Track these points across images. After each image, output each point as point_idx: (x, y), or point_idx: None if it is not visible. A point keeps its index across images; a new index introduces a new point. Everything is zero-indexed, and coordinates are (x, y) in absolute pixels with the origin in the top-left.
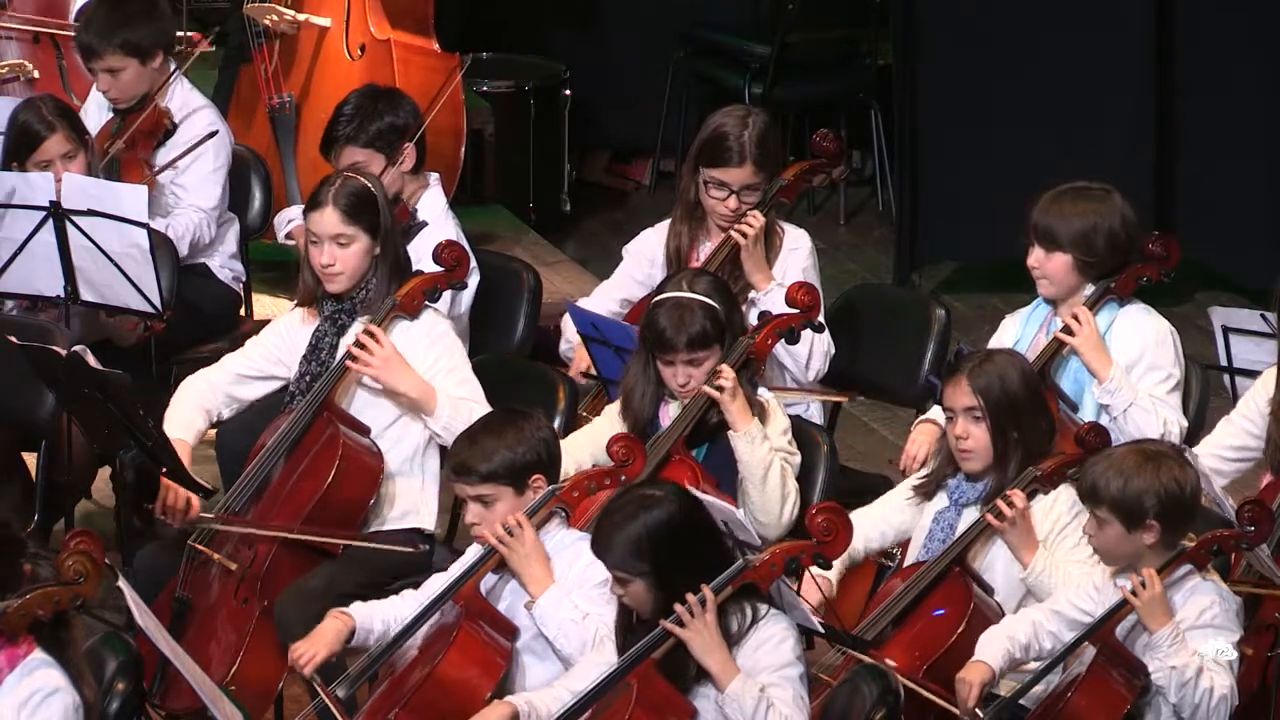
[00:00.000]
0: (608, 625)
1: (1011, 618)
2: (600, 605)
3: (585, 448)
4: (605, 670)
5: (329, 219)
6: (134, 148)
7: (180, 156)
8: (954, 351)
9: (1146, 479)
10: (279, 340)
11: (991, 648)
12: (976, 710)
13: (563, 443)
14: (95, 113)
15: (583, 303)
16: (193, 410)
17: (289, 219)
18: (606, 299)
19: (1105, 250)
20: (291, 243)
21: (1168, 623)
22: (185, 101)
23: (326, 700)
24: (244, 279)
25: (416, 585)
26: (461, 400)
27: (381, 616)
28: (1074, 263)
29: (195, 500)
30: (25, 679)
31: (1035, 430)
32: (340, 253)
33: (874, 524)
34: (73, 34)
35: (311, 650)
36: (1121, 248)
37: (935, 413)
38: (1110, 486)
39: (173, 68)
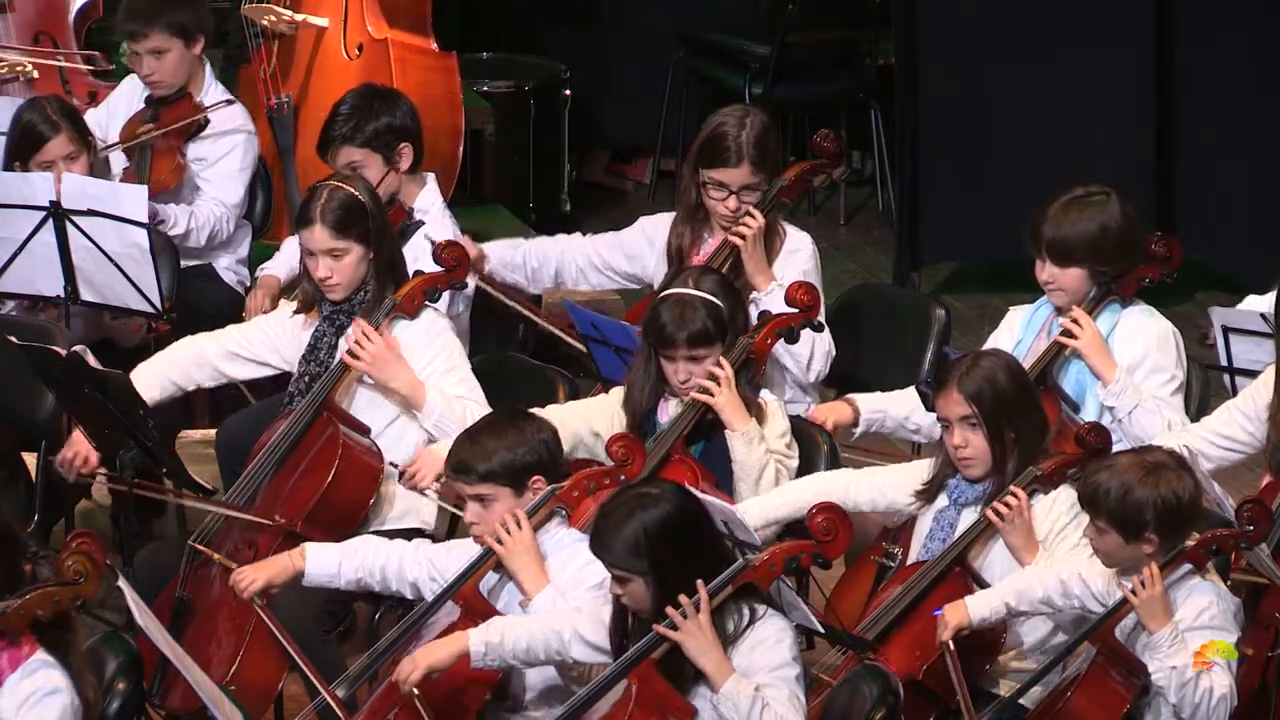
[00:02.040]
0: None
1: (1031, 570)
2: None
3: (578, 417)
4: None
5: (319, 236)
6: (167, 135)
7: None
8: (941, 357)
9: (1146, 492)
10: (280, 330)
11: (986, 595)
12: (948, 642)
13: (559, 409)
14: (100, 115)
15: (571, 240)
16: (169, 369)
17: (263, 269)
18: (591, 250)
19: (1117, 255)
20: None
21: (1167, 623)
22: (219, 100)
23: (275, 629)
24: (247, 283)
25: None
26: (457, 398)
27: (360, 562)
28: (1089, 272)
29: (93, 457)
30: (26, 679)
31: (1030, 427)
32: (335, 265)
33: (872, 486)
34: (70, 33)
35: (253, 576)
36: (1130, 248)
37: (870, 397)
38: (1110, 498)
39: (206, 61)
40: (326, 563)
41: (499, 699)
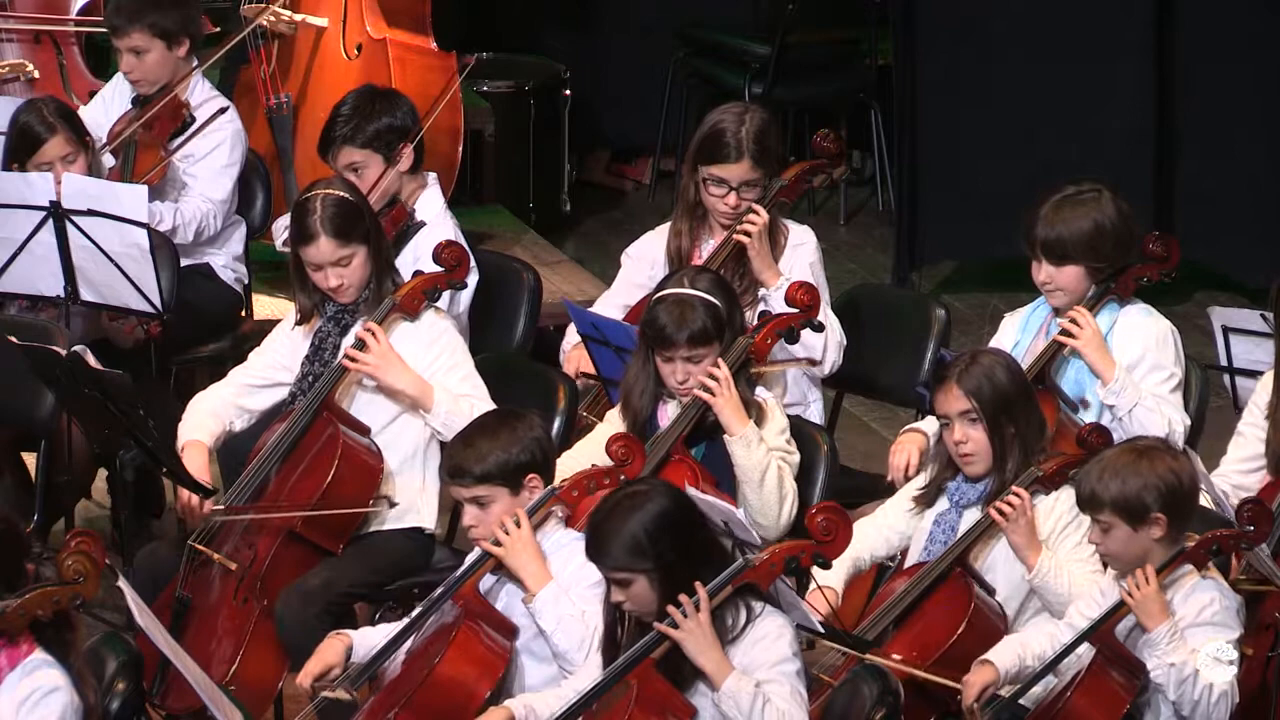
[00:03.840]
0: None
1: (1029, 630)
2: (596, 604)
3: (586, 454)
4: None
5: (325, 249)
6: (150, 132)
7: (193, 134)
8: (938, 358)
9: (1143, 474)
10: (281, 346)
11: (1002, 651)
12: (974, 707)
13: (567, 454)
14: (96, 112)
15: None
16: (206, 416)
17: (285, 226)
18: (609, 306)
19: (1113, 251)
20: (287, 250)
21: (1164, 620)
22: (205, 98)
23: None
24: (246, 281)
25: (417, 585)
26: (462, 396)
27: (387, 630)
28: (1086, 270)
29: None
30: (25, 678)
31: (1030, 424)
32: (344, 272)
33: (878, 531)
34: (72, 30)
35: (308, 666)
36: (1126, 243)
37: (925, 422)
38: (1109, 489)
39: (194, 62)
40: (369, 635)
41: (500, 700)
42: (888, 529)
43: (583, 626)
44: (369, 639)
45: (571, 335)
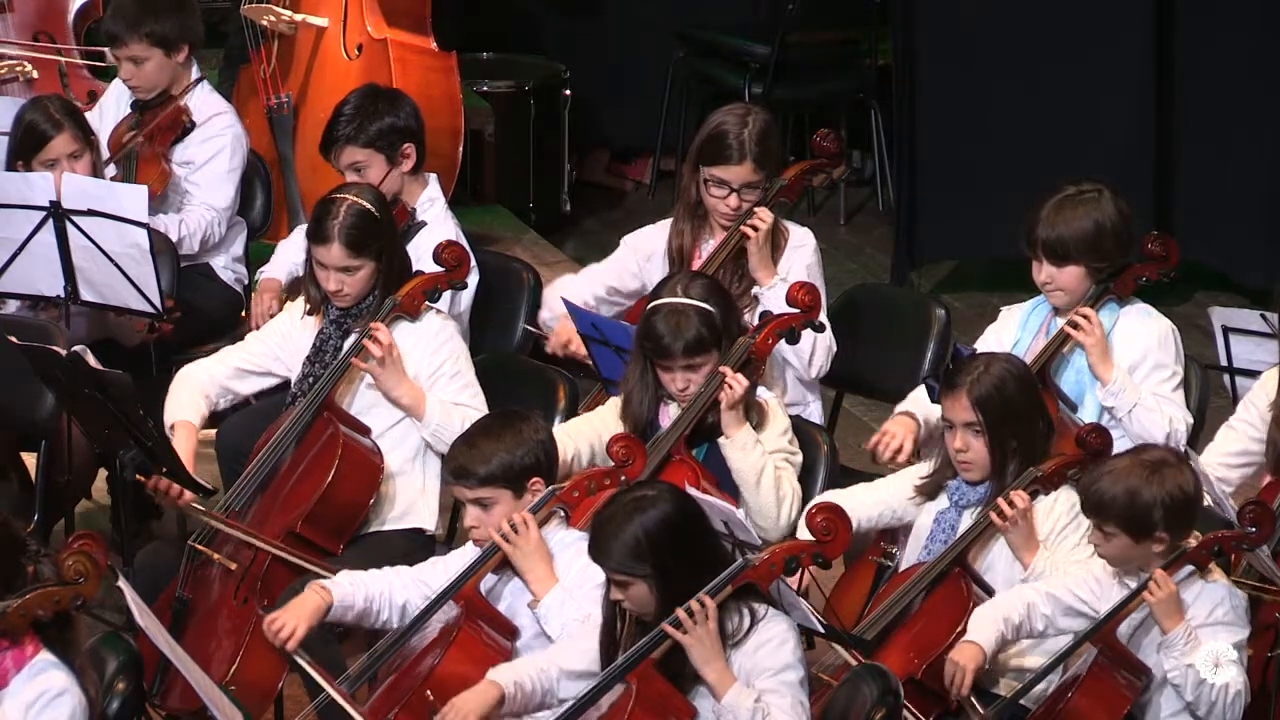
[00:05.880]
0: None
1: (1005, 595)
2: (599, 607)
3: (586, 435)
4: (592, 650)
5: (335, 254)
6: (152, 142)
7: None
8: (951, 352)
9: (1152, 491)
10: (280, 339)
11: (984, 629)
12: (972, 699)
13: (564, 426)
14: (94, 119)
15: (569, 280)
16: (194, 394)
17: (262, 272)
18: (594, 282)
19: (1113, 251)
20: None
21: (1181, 621)
22: (205, 103)
23: (315, 675)
24: (246, 281)
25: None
26: (457, 406)
27: (365, 593)
28: (1086, 270)
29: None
30: (31, 680)
31: (1033, 433)
32: (347, 279)
33: (875, 501)
34: (73, 48)
35: (292, 623)
36: (1126, 243)
37: (913, 403)
38: (1116, 503)
39: (195, 68)
40: (350, 592)
41: (500, 700)
42: (883, 504)
43: (587, 630)
44: (350, 598)
45: (553, 304)
